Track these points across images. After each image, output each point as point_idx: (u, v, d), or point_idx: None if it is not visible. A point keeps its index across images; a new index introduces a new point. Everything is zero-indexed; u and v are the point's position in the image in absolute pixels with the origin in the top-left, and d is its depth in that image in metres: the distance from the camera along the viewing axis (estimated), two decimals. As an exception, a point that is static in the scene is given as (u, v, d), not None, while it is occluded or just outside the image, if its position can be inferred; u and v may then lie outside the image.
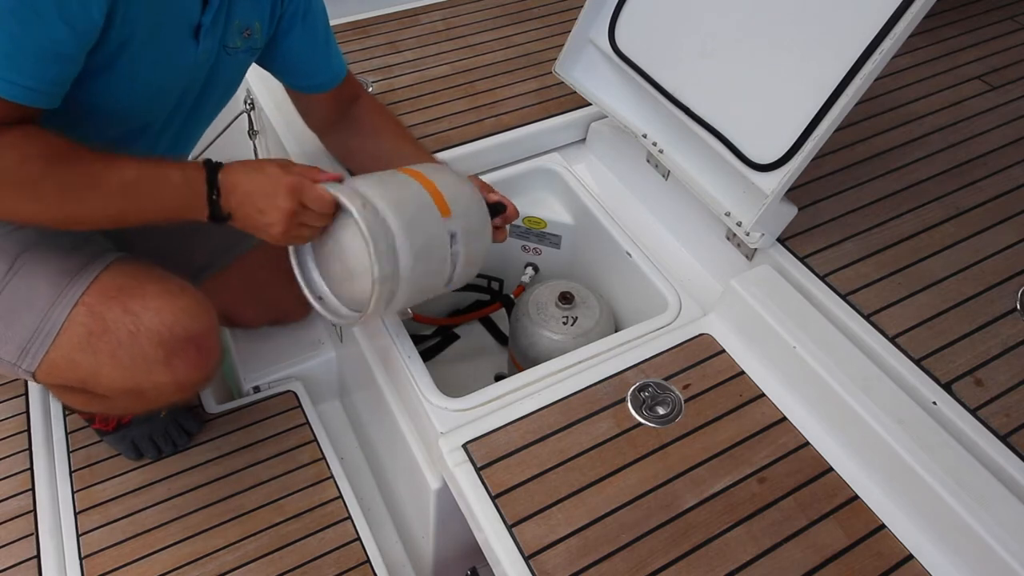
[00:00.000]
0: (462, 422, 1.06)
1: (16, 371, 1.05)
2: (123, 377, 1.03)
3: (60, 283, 1.03)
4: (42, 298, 1.02)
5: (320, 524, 1.31)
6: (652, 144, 1.38)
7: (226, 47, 1.11)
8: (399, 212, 1.01)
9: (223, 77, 1.16)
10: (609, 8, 1.38)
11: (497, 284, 1.63)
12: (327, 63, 1.27)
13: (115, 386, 1.05)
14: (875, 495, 1.00)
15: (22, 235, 1.06)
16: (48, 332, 1.02)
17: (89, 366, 1.03)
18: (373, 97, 1.41)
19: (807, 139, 1.08)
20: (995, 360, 1.07)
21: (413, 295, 1.07)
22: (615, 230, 1.39)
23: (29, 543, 1.26)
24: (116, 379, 1.04)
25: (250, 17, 1.12)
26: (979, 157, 1.41)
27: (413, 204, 1.04)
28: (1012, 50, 1.71)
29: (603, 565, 0.92)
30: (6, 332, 1.03)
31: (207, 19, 1.03)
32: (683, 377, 1.12)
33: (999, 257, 1.22)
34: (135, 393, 1.06)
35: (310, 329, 1.61)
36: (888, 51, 0.99)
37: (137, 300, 1.03)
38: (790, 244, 1.22)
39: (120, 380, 1.04)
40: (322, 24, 1.24)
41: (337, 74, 1.29)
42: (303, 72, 1.27)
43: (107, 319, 1.02)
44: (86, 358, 1.03)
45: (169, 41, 1.01)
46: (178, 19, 1.02)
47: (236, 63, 1.16)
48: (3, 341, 1.04)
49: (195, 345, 1.05)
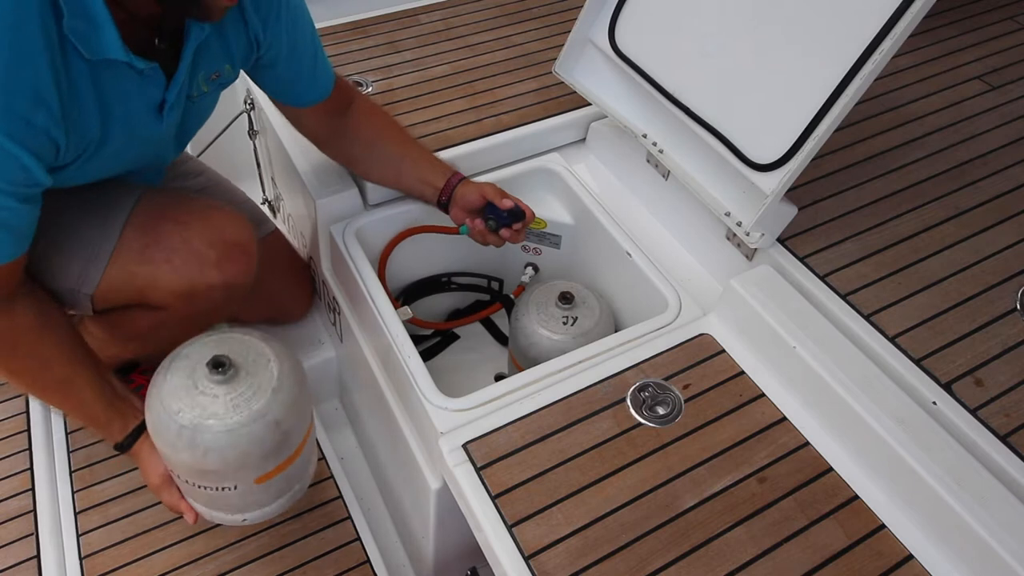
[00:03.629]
0: (462, 422, 1.06)
1: (76, 298, 1.14)
2: (179, 280, 1.13)
3: (104, 214, 1.13)
4: (91, 226, 1.12)
5: (320, 524, 1.31)
6: (652, 144, 1.38)
7: (191, 97, 1.10)
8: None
9: (195, 116, 1.17)
10: (609, 8, 1.38)
11: (497, 284, 1.63)
12: (313, 83, 1.24)
13: (173, 289, 1.13)
14: (875, 495, 1.00)
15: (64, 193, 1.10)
16: (104, 253, 1.11)
17: (147, 274, 1.13)
18: (368, 99, 1.40)
19: (807, 139, 1.08)
20: (995, 360, 1.07)
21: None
22: (615, 230, 1.39)
23: (29, 543, 1.26)
24: (173, 282, 1.13)
25: (219, 63, 1.10)
26: (979, 157, 1.41)
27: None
28: (1012, 50, 1.71)
29: (603, 565, 0.92)
30: (63, 262, 1.12)
31: (171, 95, 1.03)
32: (683, 377, 1.12)
33: (999, 257, 1.22)
34: (189, 296, 1.14)
35: (310, 329, 1.61)
36: (888, 51, 0.99)
37: (183, 213, 1.16)
38: (790, 244, 1.22)
39: (177, 283, 1.13)
40: (308, 52, 1.21)
41: (324, 90, 1.26)
42: (287, 95, 1.26)
43: (159, 231, 1.13)
44: (143, 268, 1.13)
45: (135, 124, 1.03)
46: (143, 104, 1.02)
47: (207, 101, 1.17)
48: (59, 269, 1.12)
49: (241, 248, 1.18)
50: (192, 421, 0.94)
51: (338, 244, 1.35)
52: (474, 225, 1.32)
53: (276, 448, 1.00)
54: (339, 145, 1.36)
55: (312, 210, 1.40)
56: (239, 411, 0.95)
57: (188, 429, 0.94)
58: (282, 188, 1.69)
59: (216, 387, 0.96)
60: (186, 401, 0.95)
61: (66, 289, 1.13)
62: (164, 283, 1.13)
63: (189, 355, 1.00)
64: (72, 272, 1.12)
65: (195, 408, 0.95)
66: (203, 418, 0.94)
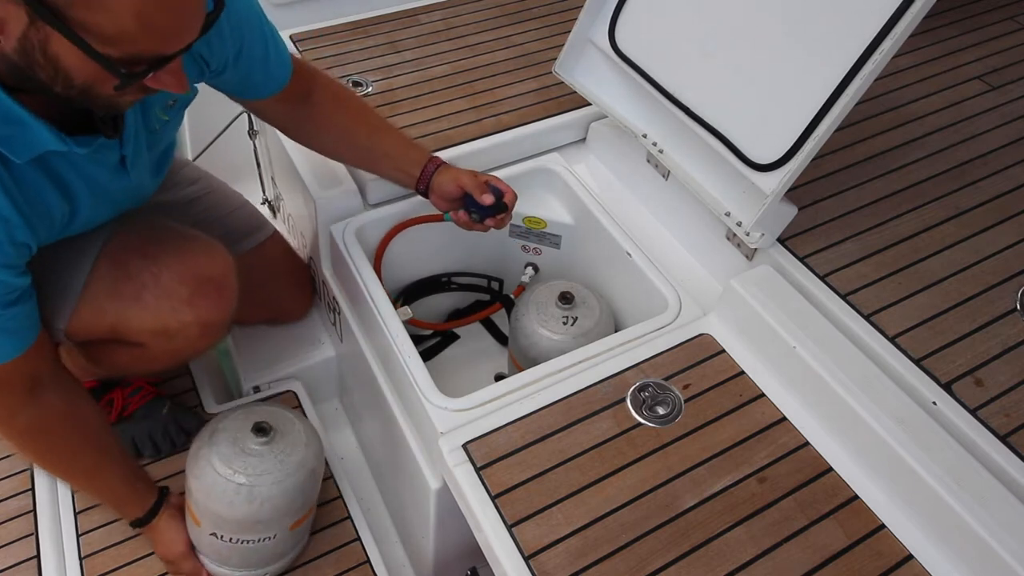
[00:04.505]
0: (462, 422, 1.06)
1: (51, 329, 1.08)
2: (150, 318, 1.09)
3: (79, 246, 1.08)
4: (62, 260, 1.08)
5: (320, 524, 1.31)
6: (652, 144, 1.38)
7: (154, 131, 1.06)
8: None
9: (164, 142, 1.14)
10: (609, 8, 1.38)
11: (497, 284, 1.63)
12: (266, 77, 1.17)
13: (144, 327, 1.09)
14: (875, 495, 1.00)
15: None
16: (75, 287, 1.07)
17: (116, 311, 1.08)
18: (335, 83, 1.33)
19: (807, 139, 1.08)
20: (995, 360, 1.07)
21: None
22: (615, 230, 1.39)
23: (29, 543, 1.26)
24: (145, 320, 1.09)
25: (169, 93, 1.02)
26: (979, 157, 1.41)
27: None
28: (1012, 50, 1.71)
29: (603, 565, 0.92)
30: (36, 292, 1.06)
31: (128, 150, 1.01)
32: (683, 377, 1.12)
33: (999, 257, 1.22)
34: (164, 335, 1.10)
35: (310, 329, 1.61)
36: (888, 51, 0.99)
37: (156, 246, 1.11)
38: (790, 244, 1.22)
39: (148, 321, 1.09)
40: (259, 49, 1.12)
41: (279, 81, 1.18)
42: (243, 92, 1.19)
43: (130, 266, 1.08)
44: (113, 304, 1.08)
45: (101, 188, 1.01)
46: (102, 169, 1.00)
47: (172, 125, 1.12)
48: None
49: (215, 285, 1.12)
50: (249, 479, 1.10)
51: (338, 244, 1.34)
52: (457, 216, 1.31)
53: (311, 494, 1.18)
54: (309, 132, 1.30)
55: (312, 210, 1.40)
56: (284, 465, 1.12)
57: (246, 486, 1.09)
58: (282, 188, 1.69)
59: (262, 447, 1.12)
60: (238, 464, 1.11)
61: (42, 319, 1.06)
62: (135, 322, 1.09)
63: (227, 427, 1.15)
64: (45, 304, 1.06)
65: (248, 468, 1.10)
66: (257, 474, 1.10)
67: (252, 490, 1.09)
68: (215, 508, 1.11)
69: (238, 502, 1.09)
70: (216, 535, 1.15)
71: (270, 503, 1.10)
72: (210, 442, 1.13)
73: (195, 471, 1.12)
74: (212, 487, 1.10)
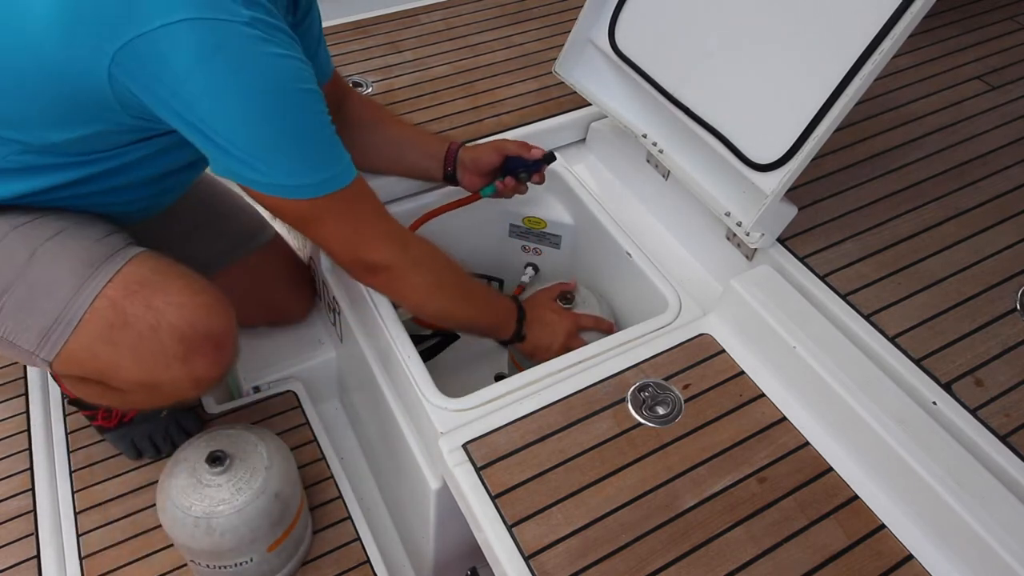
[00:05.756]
0: (462, 422, 1.06)
1: (34, 360, 1.05)
2: (141, 371, 1.05)
3: (83, 273, 1.03)
4: (64, 287, 1.02)
5: (320, 524, 1.31)
6: (652, 144, 1.38)
7: None
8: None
9: None
10: (609, 8, 1.38)
11: (497, 284, 1.63)
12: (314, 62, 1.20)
13: (132, 379, 1.06)
14: (875, 495, 1.00)
15: (42, 225, 1.05)
16: (69, 321, 1.02)
17: (108, 358, 1.04)
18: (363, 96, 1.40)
19: (807, 139, 1.08)
20: (995, 360, 1.07)
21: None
22: (615, 230, 1.39)
23: (29, 543, 1.26)
24: (134, 372, 1.05)
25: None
26: (979, 157, 1.41)
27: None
28: (1012, 50, 1.71)
29: (603, 565, 0.92)
30: (26, 320, 1.03)
31: None
32: (683, 377, 1.12)
33: (999, 257, 1.22)
34: (151, 387, 1.07)
35: (310, 329, 1.61)
36: (888, 51, 0.99)
37: (159, 295, 1.04)
38: (790, 244, 1.22)
39: (138, 373, 1.05)
40: (317, 28, 1.22)
41: (324, 73, 1.26)
42: None
43: (128, 313, 1.03)
44: (106, 349, 1.04)
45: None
46: None
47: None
48: (22, 329, 1.03)
49: (213, 343, 1.07)
50: (205, 511, 1.08)
51: (338, 244, 1.34)
52: (505, 184, 1.34)
53: (280, 516, 1.14)
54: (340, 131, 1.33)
55: (312, 210, 1.40)
56: (242, 493, 1.10)
57: (203, 519, 1.08)
58: (282, 188, 1.69)
59: (218, 478, 1.10)
60: (194, 497, 1.09)
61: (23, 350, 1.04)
62: (125, 372, 1.05)
63: (187, 458, 1.13)
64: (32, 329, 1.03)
65: (204, 500, 1.09)
66: (213, 506, 1.08)
67: (210, 521, 1.08)
68: (180, 540, 1.11)
69: (199, 535, 1.08)
70: (194, 562, 1.16)
71: (232, 533, 1.08)
72: (170, 474, 1.12)
73: (160, 503, 1.12)
74: (173, 521, 1.09)
